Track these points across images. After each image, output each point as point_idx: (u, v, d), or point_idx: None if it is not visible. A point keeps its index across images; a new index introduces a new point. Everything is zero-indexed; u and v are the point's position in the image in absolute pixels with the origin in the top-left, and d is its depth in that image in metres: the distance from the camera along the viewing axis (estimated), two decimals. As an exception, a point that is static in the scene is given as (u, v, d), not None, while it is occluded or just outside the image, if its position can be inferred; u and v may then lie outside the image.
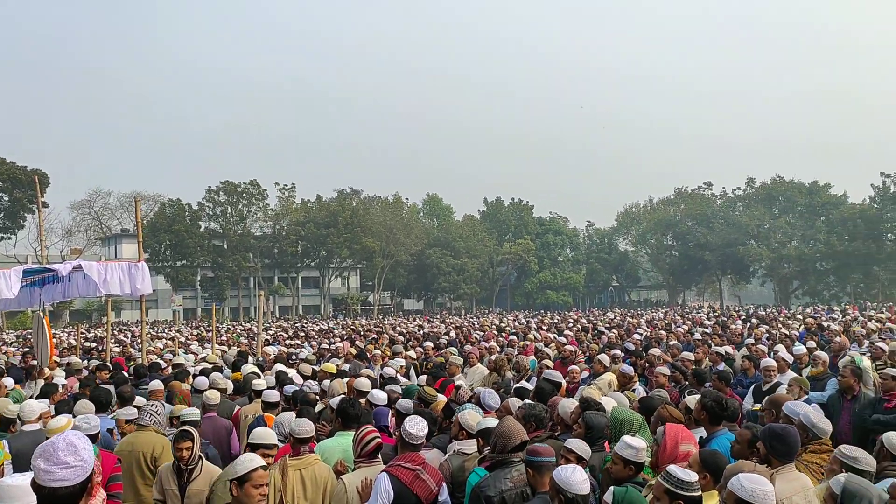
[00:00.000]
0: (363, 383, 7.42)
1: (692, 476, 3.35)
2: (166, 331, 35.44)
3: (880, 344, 10.67)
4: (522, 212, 79.39)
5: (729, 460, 4.29)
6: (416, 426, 4.63)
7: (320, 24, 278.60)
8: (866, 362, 9.15)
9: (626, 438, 4.20)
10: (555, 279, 75.12)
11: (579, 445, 4.46)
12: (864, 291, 60.25)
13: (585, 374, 10.28)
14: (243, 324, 43.43)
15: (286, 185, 69.78)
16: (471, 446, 4.99)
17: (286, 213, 68.96)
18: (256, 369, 10.35)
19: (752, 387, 8.64)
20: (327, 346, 16.94)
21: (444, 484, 4.64)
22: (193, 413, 6.36)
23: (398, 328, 28.23)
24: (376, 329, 27.92)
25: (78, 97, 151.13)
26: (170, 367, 12.17)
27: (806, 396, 7.64)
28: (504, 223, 79.07)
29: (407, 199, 78.54)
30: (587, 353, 12.73)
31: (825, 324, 19.10)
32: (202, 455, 5.30)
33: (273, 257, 69.23)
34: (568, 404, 5.60)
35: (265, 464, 4.07)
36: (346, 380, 8.11)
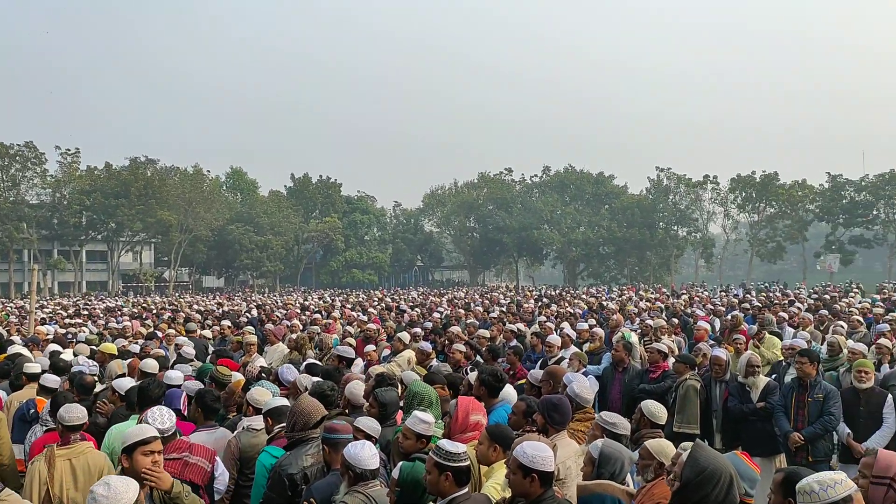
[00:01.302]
0: (149, 364, 6.96)
1: (459, 448, 3.46)
2: (-85, 309, 30.86)
3: (648, 321, 11.89)
4: (330, 189, 78.46)
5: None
6: (159, 419, 4.32)
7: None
8: (634, 338, 10.14)
9: (418, 413, 4.30)
10: (361, 258, 75.29)
11: (367, 423, 4.50)
12: (638, 274, 66.81)
13: (386, 351, 10.43)
14: (14, 301, 39.02)
15: (69, 150, 63.33)
16: (259, 422, 4.88)
17: (69, 181, 62.56)
18: (25, 350, 9.32)
19: (540, 361, 9.26)
20: (115, 326, 15.76)
21: (216, 458, 4.51)
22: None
23: (195, 306, 26.86)
24: (171, 307, 26.41)
25: None
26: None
27: (584, 369, 8.33)
28: (311, 200, 77.65)
29: (208, 171, 74.59)
30: (388, 332, 12.92)
31: (605, 303, 20.94)
32: None
33: (52, 228, 62.60)
34: (355, 387, 5.63)
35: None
36: (127, 361, 7.55)
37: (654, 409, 5.20)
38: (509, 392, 5.84)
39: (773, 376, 8.31)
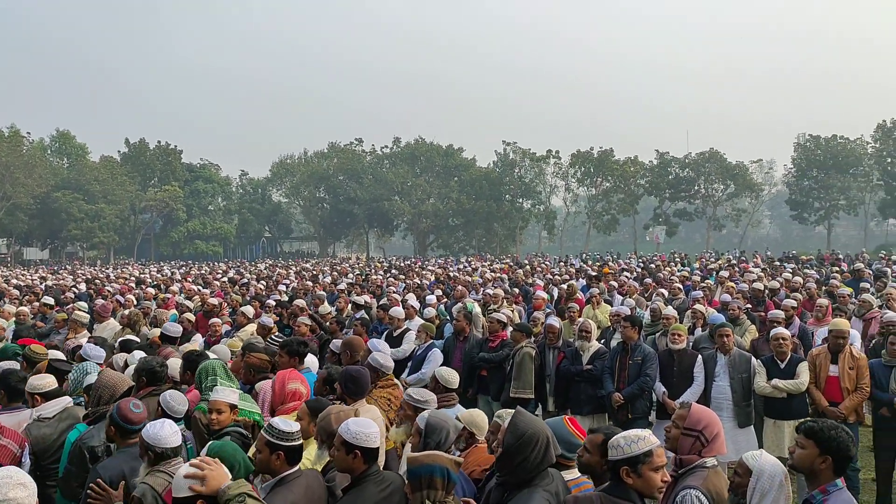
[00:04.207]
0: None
1: (293, 427, 3.45)
2: None
3: (490, 291, 12.31)
4: (170, 156, 73.93)
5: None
6: None
7: None
8: (477, 308, 10.48)
9: (222, 388, 4.39)
10: (205, 229, 71.99)
11: (168, 402, 4.43)
12: (486, 245, 68.86)
13: (227, 327, 10.11)
14: None
15: None
16: (50, 410, 4.68)
17: None
18: None
19: (385, 333, 9.34)
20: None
21: (26, 445, 4.31)
22: None
23: (14, 280, 24.54)
24: (-16, 282, 23.98)
25: None
26: None
27: (431, 341, 8.51)
28: (149, 167, 72.92)
29: (29, 133, 67.88)
30: (233, 305, 12.52)
31: (452, 274, 21.44)
32: None
33: None
34: (175, 363, 5.51)
35: None
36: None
37: (447, 374, 5.59)
38: (312, 359, 6.23)
39: (602, 341, 8.92)
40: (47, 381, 4.80)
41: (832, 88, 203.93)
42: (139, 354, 5.86)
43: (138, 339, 7.71)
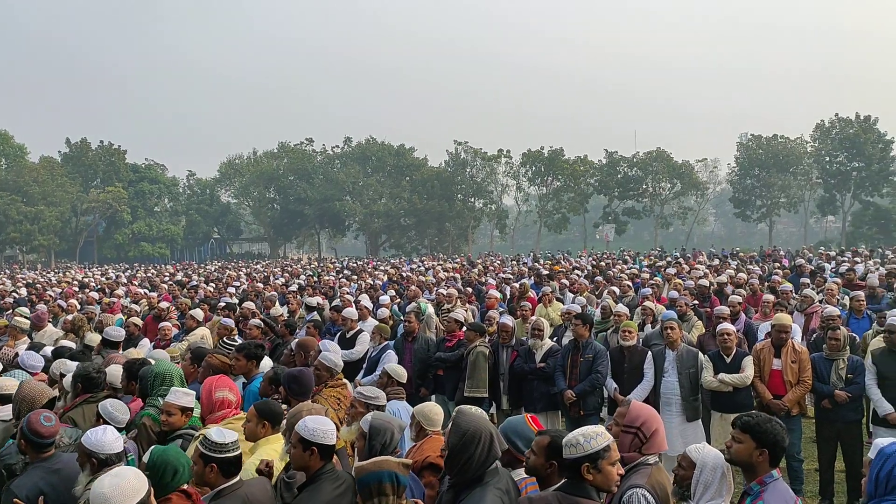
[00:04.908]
0: None
1: (228, 437, 3.38)
2: None
3: (443, 290, 12.33)
4: (113, 156, 71.93)
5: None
6: None
7: None
8: (430, 309, 10.47)
9: (176, 389, 4.33)
10: (151, 230, 70.28)
11: (107, 411, 4.35)
12: (438, 244, 68.90)
13: (175, 330, 9.90)
14: None
15: None
16: (6, 412, 4.62)
17: None
18: None
19: (338, 334, 9.26)
20: None
21: None
22: None
23: (-52, 287, 23.55)
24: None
25: None
26: None
27: (385, 342, 8.47)
28: (91, 168, 70.88)
29: (-37, 133, 65.31)
30: (182, 308, 12.27)
31: (405, 274, 21.40)
32: None
33: None
34: (115, 369, 5.40)
35: None
36: None
37: (397, 369, 5.77)
38: (267, 362, 6.29)
39: (554, 338, 9.02)
40: (12, 384, 4.69)
41: (774, 88, 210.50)
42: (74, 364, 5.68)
43: (74, 346, 7.51)
